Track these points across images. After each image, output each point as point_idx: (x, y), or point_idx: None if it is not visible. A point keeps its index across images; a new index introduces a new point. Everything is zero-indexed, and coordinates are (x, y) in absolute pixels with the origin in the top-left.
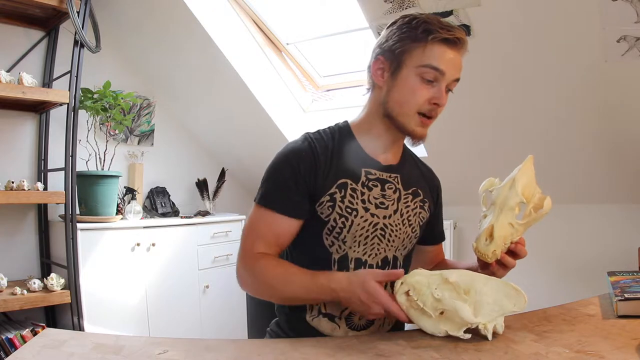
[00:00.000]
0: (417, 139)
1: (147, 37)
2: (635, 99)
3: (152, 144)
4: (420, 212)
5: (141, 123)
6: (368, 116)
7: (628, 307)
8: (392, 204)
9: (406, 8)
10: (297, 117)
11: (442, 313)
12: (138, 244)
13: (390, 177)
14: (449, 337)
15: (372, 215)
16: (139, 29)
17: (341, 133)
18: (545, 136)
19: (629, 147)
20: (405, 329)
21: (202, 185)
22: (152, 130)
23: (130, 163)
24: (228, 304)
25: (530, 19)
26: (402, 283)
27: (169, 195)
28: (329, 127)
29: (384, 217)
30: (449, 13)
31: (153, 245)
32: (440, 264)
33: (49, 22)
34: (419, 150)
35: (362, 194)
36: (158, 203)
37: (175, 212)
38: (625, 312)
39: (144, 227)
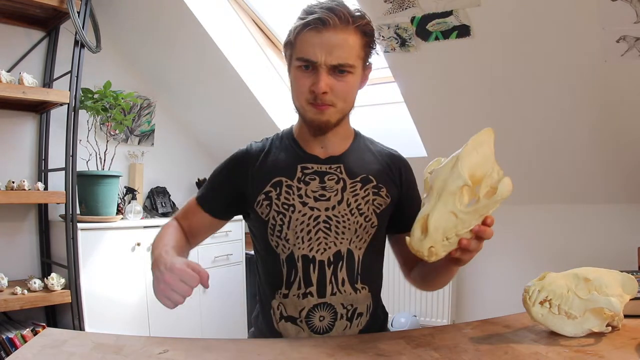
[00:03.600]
0: (316, 127)
1: (147, 37)
2: (634, 99)
3: (152, 144)
4: (375, 199)
5: (141, 123)
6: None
7: (628, 306)
8: (335, 195)
9: (406, 8)
10: (297, 117)
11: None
12: (138, 244)
13: (330, 168)
14: (449, 337)
15: (312, 208)
16: (139, 29)
17: (283, 136)
18: (545, 136)
19: (629, 147)
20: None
21: (202, 185)
22: (152, 130)
23: (130, 163)
24: (228, 304)
25: (530, 19)
26: (539, 291)
27: (169, 195)
28: (276, 133)
29: (326, 209)
30: (449, 13)
31: None
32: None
33: (49, 23)
34: (419, 150)
35: (299, 189)
36: (158, 203)
37: (175, 212)
38: (625, 311)
39: (144, 227)
